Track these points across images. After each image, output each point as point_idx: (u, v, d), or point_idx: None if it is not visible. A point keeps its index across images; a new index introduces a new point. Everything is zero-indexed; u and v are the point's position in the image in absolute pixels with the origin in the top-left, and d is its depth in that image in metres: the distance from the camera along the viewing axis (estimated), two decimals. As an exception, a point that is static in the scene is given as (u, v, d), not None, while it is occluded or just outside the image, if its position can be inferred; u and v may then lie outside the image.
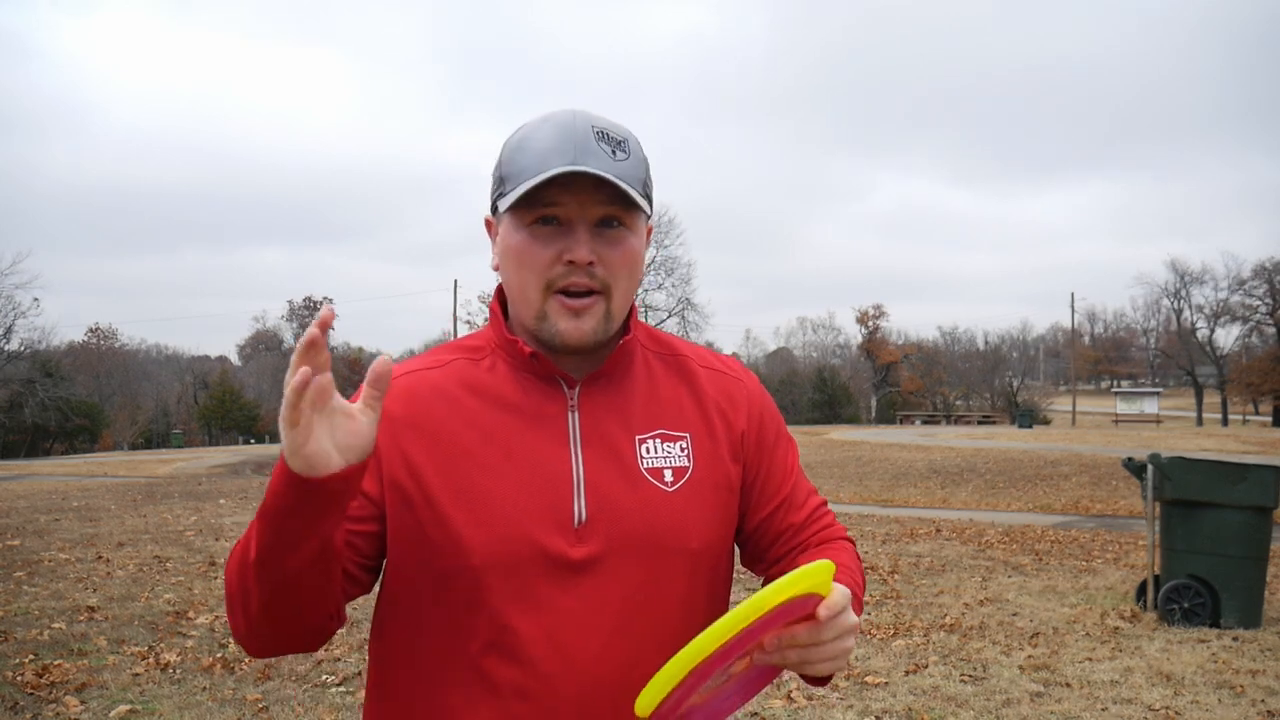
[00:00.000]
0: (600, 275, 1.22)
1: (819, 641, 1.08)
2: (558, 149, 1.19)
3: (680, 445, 1.30)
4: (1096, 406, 71.07)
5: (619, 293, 1.25)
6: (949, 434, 35.54)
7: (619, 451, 1.26)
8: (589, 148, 1.20)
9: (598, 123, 1.23)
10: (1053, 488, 18.83)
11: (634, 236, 1.25)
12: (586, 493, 1.22)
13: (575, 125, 1.21)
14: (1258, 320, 61.38)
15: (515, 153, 1.24)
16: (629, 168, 1.22)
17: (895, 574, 8.84)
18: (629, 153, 1.23)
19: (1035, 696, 5.15)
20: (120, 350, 72.86)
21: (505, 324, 1.30)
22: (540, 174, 1.18)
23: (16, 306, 48.97)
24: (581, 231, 1.21)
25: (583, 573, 1.21)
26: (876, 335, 75.23)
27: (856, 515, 14.12)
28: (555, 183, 1.19)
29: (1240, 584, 6.68)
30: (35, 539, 10.50)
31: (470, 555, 1.18)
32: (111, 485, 18.94)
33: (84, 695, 5.01)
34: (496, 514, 1.19)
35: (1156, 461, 6.85)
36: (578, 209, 1.21)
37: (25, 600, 7.24)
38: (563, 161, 1.18)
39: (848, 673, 5.56)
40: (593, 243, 1.22)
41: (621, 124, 1.26)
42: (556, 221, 1.22)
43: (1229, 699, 5.11)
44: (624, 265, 1.24)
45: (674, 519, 1.26)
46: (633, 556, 1.23)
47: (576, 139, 1.20)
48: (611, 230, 1.23)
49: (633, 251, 1.25)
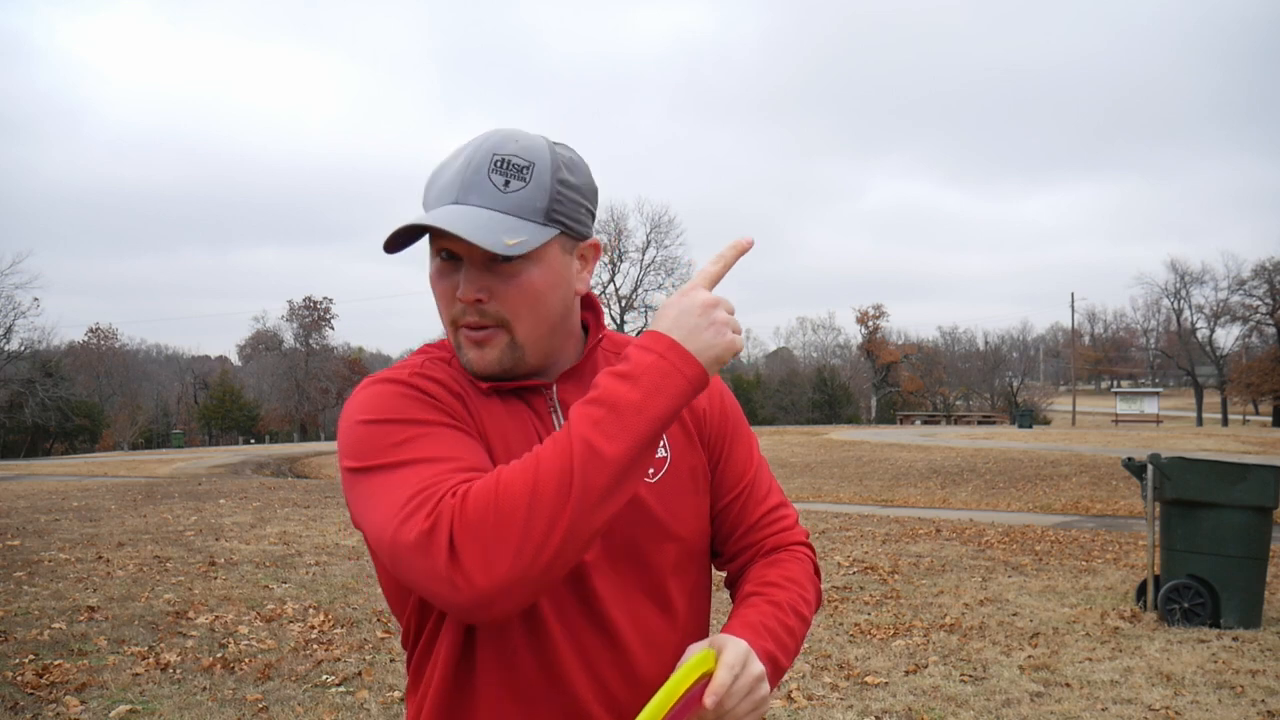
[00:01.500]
0: (493, 311, 1.21)
1: (725, 714, 1.11)
2: (449, 187, 1.20)
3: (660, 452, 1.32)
4: (1096, 406, 71.07)
5: (522, 324, 1.22)
6: (949, 434, 35.54)
7: None
8: (476, 182, 1.19)
9: (503, 149, 1.21)
10: (1053, 488, 18.83)
11: (535, 267, 1.21)
12: None
13: (475, 158, 1.20)
14: (1258, 320, 61.34)
15: (428, 186, 1.25)
16: (519, 199, 1.19)
17: (895, 574, 8.84)
18: (528, 180, 1.20)
19: (1035, 696, 5.15)
20: (120, 350, 72.86)
21: None
22: (418, 220, 1.19)
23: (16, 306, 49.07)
24: (469, 269, 1.20)
25: (582, 572, 1.22)
26: (876, 335, 75.20)
27: (856, 515, 14.12)
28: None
29: (1240, 584, 6.68)
30: (35, 539, 10.49)
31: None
32: (112, 485, 18.94)
33: (84, 695, 5.01)
34: None
35: (1156, 461, 6.85)
36: (465, 246, 1.19)
37: (25, 600, 7.24)
38: (444, 202, 1.20)
39: (848, 673, 5.57)
40: (484, 279, 1.20)
41: (539, 142, 1.24)
42: (454, 256, 1.22)
43: (1229, 699, 5.11)
44: (520, 300, 1.21)
45: (660, 510, 1.28)
46: (627, 551, 1.25)
47: (468, 175, 1.20)
48: (507, 265, 1.20)
49: (529, 284, 1.21)
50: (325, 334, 70.70)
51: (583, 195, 1.26)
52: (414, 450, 1.14)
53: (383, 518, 1.10)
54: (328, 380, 67.52)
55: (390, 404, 1.19)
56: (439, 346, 1.32)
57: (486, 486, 1.06)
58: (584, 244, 1.29)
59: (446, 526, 1.04)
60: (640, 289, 58.36)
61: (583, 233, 1.27)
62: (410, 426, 1.16)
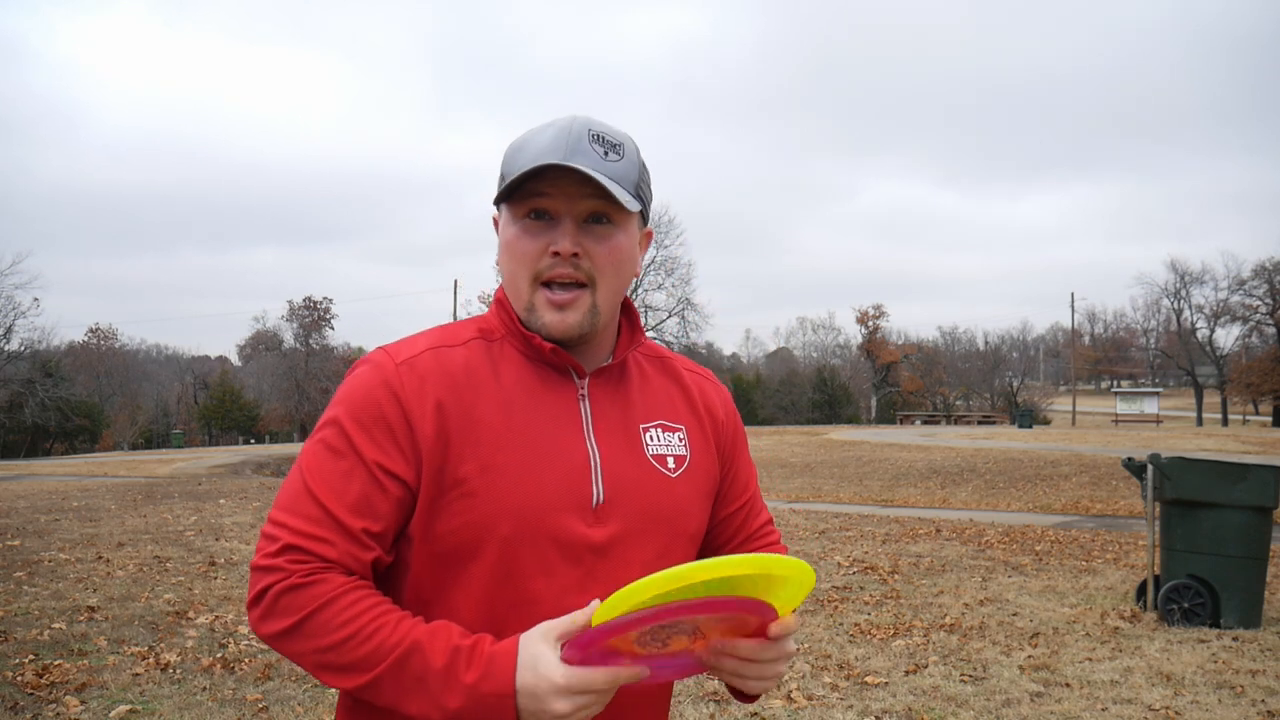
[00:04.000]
0: (585, 268, 1.27)
1: (758, 659, 1.17)
2: (551, 148, 1.25)
3: (679, 436, 1.39)
4: (1096, 406, 71.06)
5: (605, 287, 1.29)
6: (949, 434, 35.53)
7: (629, 438, 1.33)
8: (580, 148, 1.25)
9: (595, 127, 1.28)
10: (1053, 488, 18.82)
11: (622, 234, 1.30)
12: (604, 475, 1.29)
13: (572, 128, 1.27)
14: (1258, 320, 61.33)
15: (515, 153, 1.29)
16: (620, 169, 1.27)
17: (895, 574, 8.84)
18: (623, 155, 1.28)
19: (1035, 696, 5.15)
20: (120, 350, 72.83)
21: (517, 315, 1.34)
22: (564, 160, 1.23)
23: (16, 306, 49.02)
24: (568, 224, 1.26)
25: (602, 549, 1.27)
26: (876, 335, 75.18)
27: (857, 515, 14.12)
28: (544, 178, 1.24)
29: (1240, 584, 6.68)
30: (35, 539, 10.49)
31: (499, 526, 1.23)
32: (111, 485, 18.93)
33: (84, 695, 5.00)
34: (525, 489, 1.24)
35: (1156, 461, 6.84)
36: (565, 203, 1.26)
37: (25, 600, 7.24)
38: (554, 159, 1.23)
39: (848, 673, 5.57)
40: (579, 236, 1.27)
41: (623, 130, 1.32)
42: (547, 216, 1.27)
43: (1229, 699, 5.11)
44: (610, 260, 1.29)
45: (679, 503, 1.35)
46: (647, 536, 1.31)
47: (570, 140, 1.25)
48: (600, 226, 1.28)
49: (620, 248, 1.30)
50: (325, 334, 70.60)
51: (651, 184, 1.37)
52: (325, 477, 1.23)
53: (272, 515, 1.24)
54: (328, 380, 67.43)
55: (353, 406, 1.26)
56: (467, 326, 1.36)
57: (310, 600, 1.17)
58: (646, 229, 1.40)
59: (265, 584, 1.19)
60: (640, 289, 58.33)
61: (648, 217, 1.38)
62: (342, 441, 1.25)
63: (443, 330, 1.36)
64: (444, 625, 1.17)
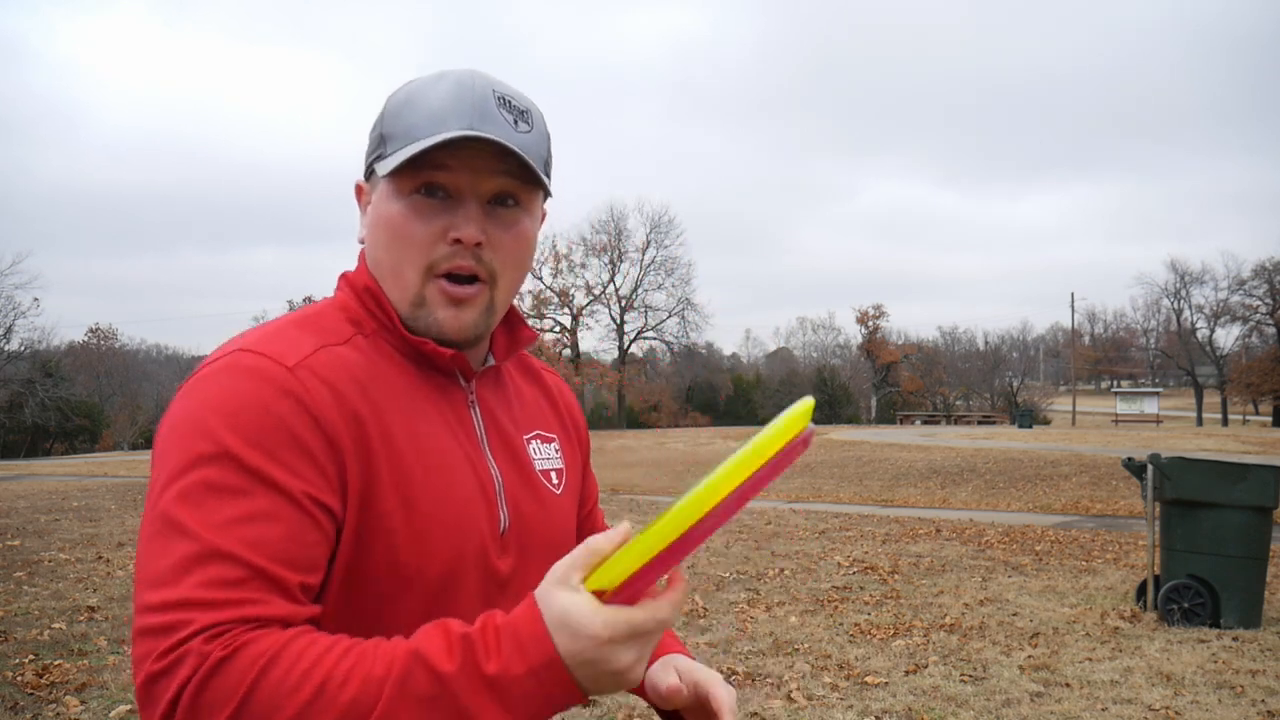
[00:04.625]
0: (488, 260, 1.06)
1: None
2: (454, 110, 1.03)
3: (554, 447, 1.22)
4: (1096, 406, 71.05)
5: (505, 282, 1.09)
6: (949, 434, 35.52)
7: (517, 453, 1.16)
8: (489, 113, 1.04)
9: (499, 87, 1.07)
10: (1053, 488, 18.82)
11: (529, 218, 1.10)
12: (507, 497, 1.11)
13: (475, 86, 1.05)
14: (1258, 320, 61.35)
15: (403, 108, 1.06)
16: (531, 141, 1.06)
17: (895, 574, 8.84)
18: (531, 125, 1.08)
19: (1035, 696, 5.15)
20: (120, 350, 72.82)
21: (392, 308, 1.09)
22: (434, 136, 1.02)
23: (16, 306, 48.96)
24: (472, 206, 1.05)
25: (506, 582, 1.09)
26: (876, 335, 75.15)
27: (856, 515, 14.12)
28: (448, 148, 1.02)
29: (1240, 584, 6.68)
30: (35, 539, 10.49)
31: (428, 567, 1.02)
32: (112, 485, 18.93)
33: (84, 695, 5.00)
34: (448, 523, 1.04)
35: (1156, 461, 6.84)
36: (470, 179, 1.04)
37: (25, 600, 7.24)
38: (460, 125, 1.02)
39: (848, 673, 5.57)
40: (483, 221, 1.05)
41: (524, 93, 1.11)
42: (443, 193, 1.05)
43: (1229, 699, 5.11)
44: (515, 250, 1.08)
45: (565, 524, 1.19)
46: (543, 564, 1.03)
47: (476, 101, 1.04)
48: (505, 209, 1.07)
49: (527, 236, 1.09)
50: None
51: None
52: (231, 525, 0.89)
53: (140, 593, 0.88)
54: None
55: (244, 428, 0.93)
56: (333, 317, 1.08)
57: (247, 670, 0.82)
58: (544, 211, 1.18)
59: (176, 686, 0.82)
60: (640, 289, 58.34)
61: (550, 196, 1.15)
62: (240, 476, 0.91)
63: (312, 323, 1.07)
64: (434, 625, 0.89)
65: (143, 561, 0.90)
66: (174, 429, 0.96)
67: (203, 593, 0.86)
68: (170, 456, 0.93)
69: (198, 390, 0.97)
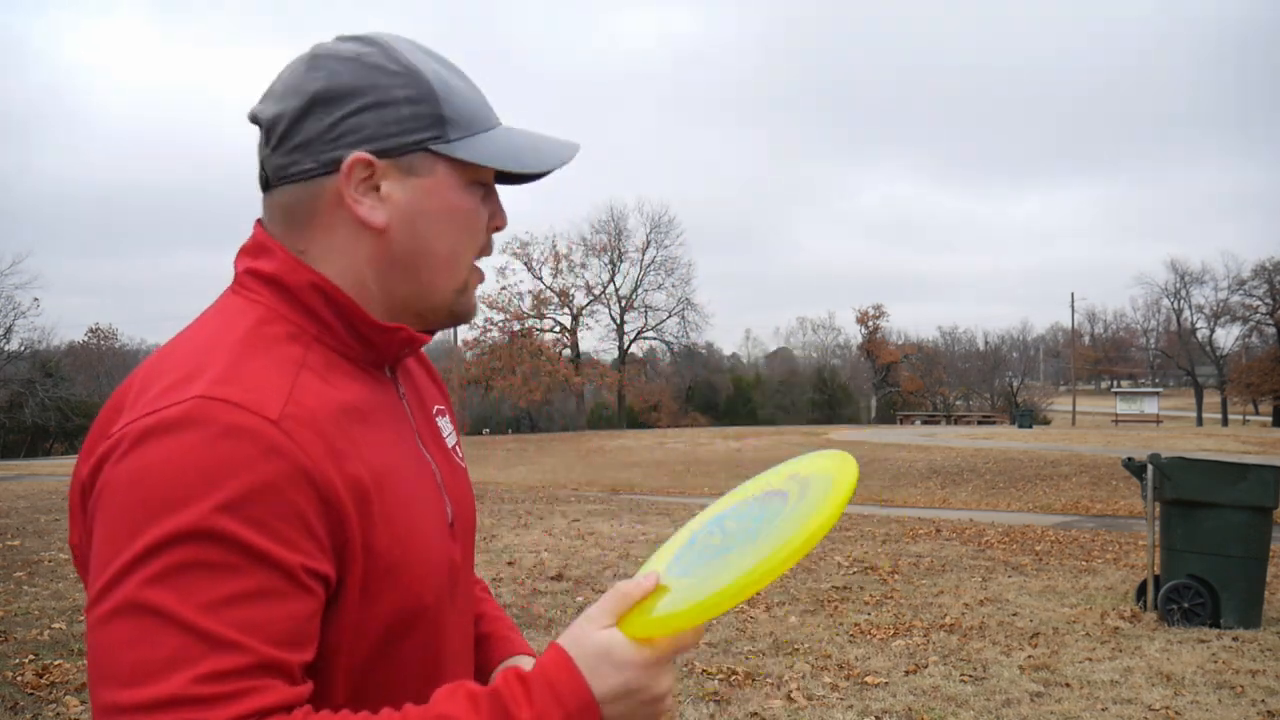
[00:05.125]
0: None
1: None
2: (484, 100, 1.08)
3: (447, 420, 1.18)
4: (1096, 406, 71.07)
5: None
6: (949, 434, 35.52)
7: (437, 437, 1.11)
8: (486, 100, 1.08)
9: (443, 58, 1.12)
10: (1053, 488, 18.83)
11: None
12: (446, 488, 1.06)
13: (452, 64, 1.10)
14: (1258, 320, 61.40)
15: (449, 92, 1.01)
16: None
17: (895, 574, 8.84)
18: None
19: (1035, 696, 5.15)
20: (120, 350, 72.82)
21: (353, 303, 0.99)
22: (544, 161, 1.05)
23: (16, 306, 48.98)
24: (496, 193, 1.08)
25: (456, 572, 1.05)
26: (876, 335, 75.20)
27: (856, 515, 14.12)
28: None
29: (1240, 584, 6.68)
30: (35, 539, 10.49)
31: (424, 596, 0.97)
32: (111, 485, 18.92)
33: (84, 695, 5.00)
34: (426, 543, 0.98)
35: (1156, 461, 6.85)
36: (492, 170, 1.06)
37: (25, 600, 7.24)
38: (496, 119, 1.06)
39: (848, 673, 5.57)
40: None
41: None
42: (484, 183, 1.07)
43: (1229, 699, 5.11)
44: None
45: (473, 498, 1.16)
46: (469, 544, 1.11)
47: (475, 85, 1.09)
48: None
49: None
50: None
51: None
52: (231, 608, 0.80)
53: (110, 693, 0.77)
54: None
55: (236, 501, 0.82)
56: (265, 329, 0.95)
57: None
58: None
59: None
60: (640, 289, 58.36)
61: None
62: (235, 553, 0.81)
63: (256, 345, 0.93)
64: (450, 688, 0.86)
65: (106, 655, 0.78)
66: (135, 488, 0.81)
67: (198, 689, 0.76)
68: (137, 527, 0.80)
69: (163, 446, 0.82)
